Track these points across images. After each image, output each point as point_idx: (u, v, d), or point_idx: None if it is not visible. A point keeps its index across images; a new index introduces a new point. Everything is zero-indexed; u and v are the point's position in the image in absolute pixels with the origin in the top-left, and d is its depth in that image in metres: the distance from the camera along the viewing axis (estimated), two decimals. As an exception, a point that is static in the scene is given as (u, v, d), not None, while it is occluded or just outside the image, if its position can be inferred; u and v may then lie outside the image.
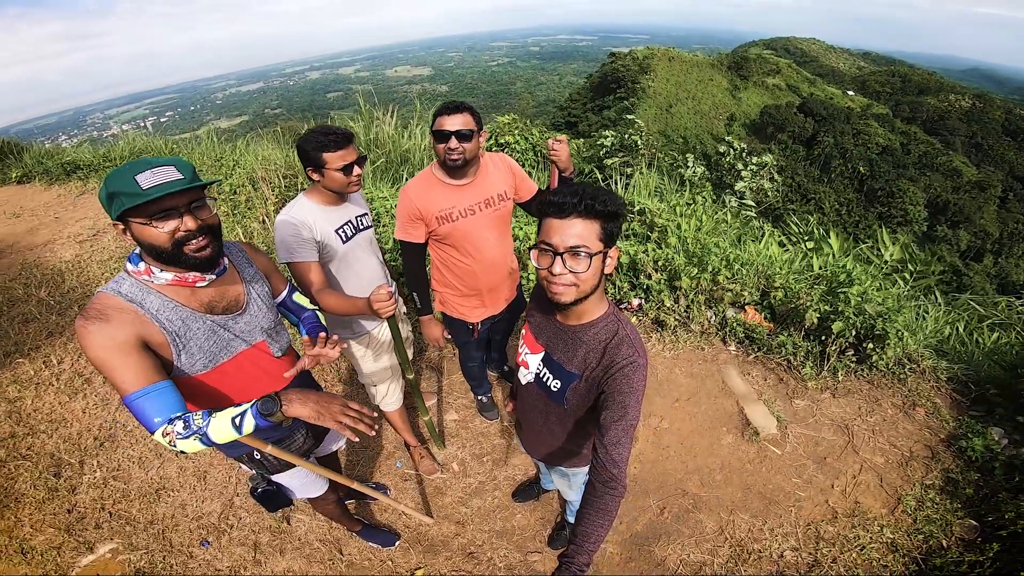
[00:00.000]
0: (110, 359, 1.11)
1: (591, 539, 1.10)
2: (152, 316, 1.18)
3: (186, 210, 1.14)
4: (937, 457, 2.56)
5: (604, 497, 1.12)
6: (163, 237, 1.13)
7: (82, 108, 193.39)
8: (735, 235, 4.40)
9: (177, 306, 1.23)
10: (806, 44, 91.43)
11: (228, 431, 1.15)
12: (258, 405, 1.16)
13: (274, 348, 1.45)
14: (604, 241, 1.14)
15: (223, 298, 1.33)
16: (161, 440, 1.14)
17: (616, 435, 1.14)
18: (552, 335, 1.36)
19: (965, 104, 58.47)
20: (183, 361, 1.24)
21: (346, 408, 1.26)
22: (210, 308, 1.29)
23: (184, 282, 1.22)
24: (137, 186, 1.07)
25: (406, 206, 1.96)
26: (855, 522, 2.32)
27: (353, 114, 6.51)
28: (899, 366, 3.03)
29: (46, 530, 2.44)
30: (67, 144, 7.56)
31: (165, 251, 1.15)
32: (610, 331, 1.24)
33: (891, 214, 43.48)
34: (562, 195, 1.11)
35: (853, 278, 3.34)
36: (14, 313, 3.73)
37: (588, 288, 1.17)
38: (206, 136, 6.90)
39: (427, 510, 2.51)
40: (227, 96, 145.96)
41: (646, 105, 53.16)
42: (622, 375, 1.17)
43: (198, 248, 1.17)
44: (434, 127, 1.82)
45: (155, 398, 1.13)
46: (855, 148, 49.97)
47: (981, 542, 2.15)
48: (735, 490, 2.50)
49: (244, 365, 1.37)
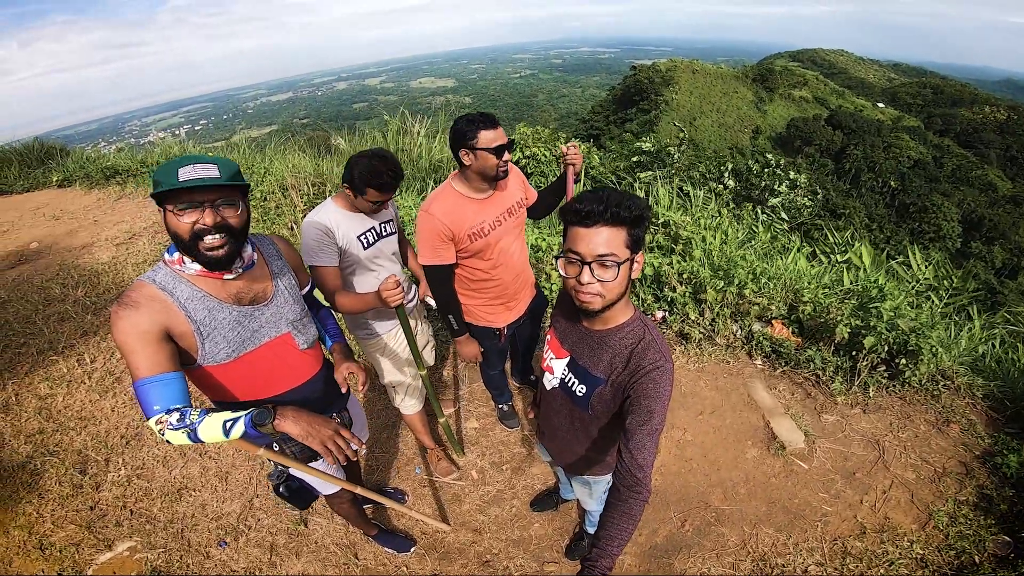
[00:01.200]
0: (131, 344, 1.16)
1: (615, 542, 1.09)
2: (180, 305, 1.22)
3: (210, 205, 1.17)
4: (971, 473, 2.47)
5: (629, 501, 1.11)
6: (183, 227, 1.16)
7: (122, 115, 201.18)
8: (763, 249, 4.32)
9: (205, 296, 1.26)
10: (833, 56, 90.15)
11: (217, 433, 1.17)
12: (252, 415, 1.18)
13: (299, 340, 1.47)
14: (631, 248, 1.13)
15: (251, 290, 1.35)
16: (153, 427, 1.17)
17: (641, 440, 1.13)
18: (577, 340, 1.35)
19: (1000, 116, 56.84)
20: (207, 349, 1.27)
21: (336, 436, 1.27)
22: (238, 299, 1.32)
23: (210, 274, 1.26)
24: (175, 177, 1.11)
25: (435, 228, 1.86)
26: (884, 537, 2.25)
27: (380, 124, 6.64)
28: (932, 382, 2.93)
29: (67, 526, 2.47)
30: (107, 150, 7.86)
31: (184, 242, 1.18)
32: (636, 336, 1.23)
33: (923, 230, 42.26)
34: (588, 203, 1.09)
35: (885, 293, 3.25)
36: (50, 312, 3.87)
37: (615, 296, 1.16)
38: (239, 144, 7.12)
39: (444, 517, 2.51)
40: (258, 105, 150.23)
41: (669, 118, 52.90)
42: (648, 379, 1.16)
43: (211, 247, 1.19)
44: (483, 144, 1.75)
45: (161, 387, 1.17)
46: (885, 161, 48.87)
47: (1014, 558, 2.07)
48: (759, 504, 2.44)
49: (268, 356, 1.39)
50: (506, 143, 1.77)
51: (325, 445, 1.25)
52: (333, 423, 1.28)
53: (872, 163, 48.81)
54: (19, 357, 3.44)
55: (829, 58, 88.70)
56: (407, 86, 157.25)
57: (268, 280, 1.41)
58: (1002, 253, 40.11)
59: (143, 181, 6.06)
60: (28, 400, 3.13)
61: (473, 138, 1.75)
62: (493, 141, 1.75)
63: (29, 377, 3.29)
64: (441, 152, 6.03)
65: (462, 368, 3.32)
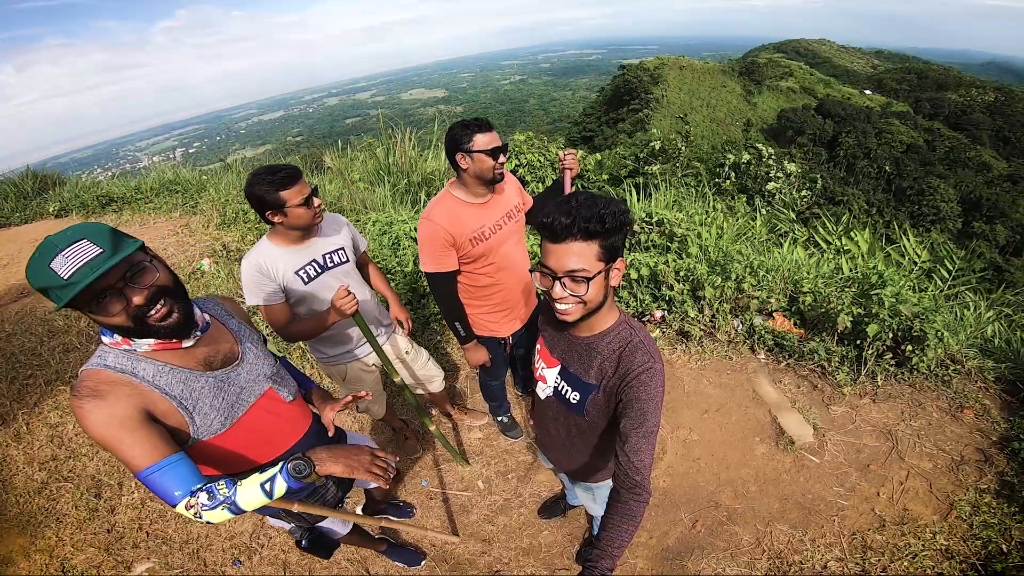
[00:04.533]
0: (116, 435, 1.03)
1: (615, 544, 1.08)
2: (150, 384, 1.10)
3: (124, 284, 1.01)
4: (990, 460, 2.42)
5: (629, 503, 1.11)
6: (117, 320, 1.02)
7: (115, 140, 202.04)
8: (760, 241, 4.30)
9: (173, 368, 1.14)
10: (816, 45, 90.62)
11: (258, 497, 1.11)
12: (288, 469, 1.12)
13: (284, 393, 1.40)
14: (605, 259, 1.08)
15: (217, 352, 1.24)
16: (185, 513, 1.07)
17: (636, 442, 1.12)
18: (566, 348, 1.33)
19: (988, 98, 57.02)
20: (198, 423, 1.17)
21: (375, 459, 1.25)
22: (208, 364, 1.21)
23: (169, 344, 1.13)
24: (57, 277, 0.93)
25: (436, 235, 1.85)
26: (905, 530, 2.20)
27: (372, 138, 6.64)
28: (942, 367, 2.89)
29: (87, 549, 2.49)
30: (102, 177, 7.86)
31: (130, 329, 1.05)
32: (623, 339, 1.21)
33: (923, 212, 42.26)
34: (555, 216, 1.03)
35: (885, 279, 3.22)
36: (55, 343, 3.85)
37: (594, 306, 1.14)
38: (234, 165, 7.12)
39: (453, 528, 2.48)
40: (250, 125, 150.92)
41: (661, 115, 53.08)
42: (639, 382, 1.15)
43: (161, 317, 1.06)
44: (478, 146, 1.75)
45: (169, 472, 1.06)
46: (879, 148, 48.93)
47: (1043, 547, 2.01)
48: (771, 501, 2.40)
49: (261, 416, 1.32)
50: (501, 146, 1.78)
51: (371, 471, 1.23)
52: (366, 448, 1.26)
53: (866, 149, 48.85)
54: (27, 388, 3.43)
55: (812, 48, 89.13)
56: (398, 98, 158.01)
57: (231, 339, 1.31)
58: (1004, 231, 40.04)
59: (138, 208, 6.08)
60: (39, 429, 3.13)
61: (469, 142, 1.76)
62: (488, 143, 1.76)
63: (39, 407, 3.29)
64: (434, 163, 6.03)
65: (463, 379, 3.30)
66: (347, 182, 5.81)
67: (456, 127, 1.79)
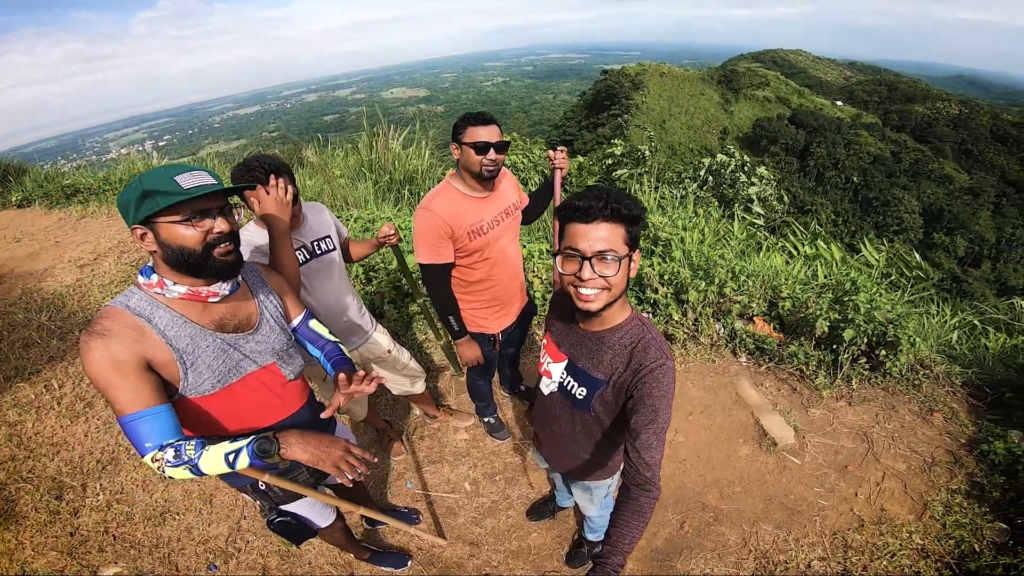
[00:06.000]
0: (109, 377, 1.08)
1: (625, 540, 1.09)
2: (160, 332, 1.14)
3: (219, 212, 1.14)
4: (960, 462, 2.52)
5: (639, 499, 1.12)
6: (196, 238, 1.11)
7: (81, 131, 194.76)
8: (740, 247, 4.39)
9: (187, 322, 1.18)
10: (793, 55, 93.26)
11: (220, 465, 1.12)
12: (254, 445, 1.12)
13: (286, 371, 1.39)
14: (629, 245, 1.13)
15: (234, 316, 1.28)
16: (150, 464, 1.11)
17: (648, 438, 1.13)
18: (575, 342, 1.33)
19: (952, 111, 59.44)
20: (190, 380, 1.19)
21: (347, 454, 1.22)
22: (221, 326, 1.24)
23: (197, 296, 1.18)
24: (177, 186, 1.07)
25: (434, 225, 1.83)
26: (883, 529, 2.27)
27: (352, 135, 6.56)
28: (912, 372, 3.00)
29: (48, 553, 2.38)
30: (66, 168, 7.55)
31: (194, 254, 1.12)
32: (636, 335, 1.23)
33: (887, 223, 43.84)
34: (587, 200, 1.10)
35: (859, 286, 3.32)
36: (15, 338, 3.68)
37: (618, 292, 1.16)
38: (207, 159, 6.93)
39: (440, 531, 2.45)
40: (225, 119, 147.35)
41: (640, 121, 53.81)
42: (652, 378, 1.16)
43: (225, 252, 1.16)
44: (468, 139, 1.76)
45: (149, 422, 1.09)
46: (847, 158, 50.58)
47: (1013, 545, 2.10)
48: (756, 501, 2.44)
49: (254, 386, 1.32)
50: (494, 142, 1.76)
51: (338, 467, 1.20)
52: (341, 442, 1.23)
53: (835, 160, 50.45)
54: (-16, 384, 3.26)
55: (789, 58, 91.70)
56: (379, 96, 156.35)
57: (253, 307, 1.34)
58: (964, 243, 41.84)
59: (106, 199, 5.84)
60: (-4, 427, 2.98)
61: (462, 132, 1.77)
62: (478, 138, 1.75)
63: (-3, 404, 3.13)
64: (416, 162, 5.97)
65: (448, 379, 3.27)
66: (328, 177, 5.72)
67: (461, 116, 1.80)
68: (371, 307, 3.54)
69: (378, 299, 3.61)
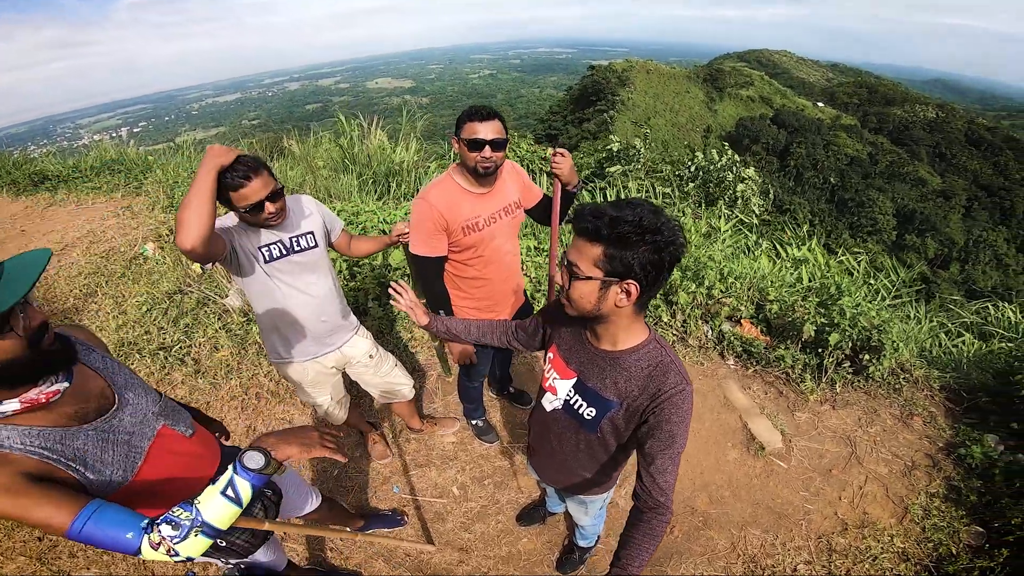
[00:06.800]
0: (13, 503, 0.91)
1: (636, 562, 1.10)
2: (22, 451, 0.96)
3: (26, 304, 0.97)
4: (938, 466, 2.57)
5: (652, 522, 1.12)
6: (18, 344, 0.94)
7: (53, 117, 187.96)
8: (728, 249, 4.41)
9: (42, 431, 1.00)
10: (777, 56, 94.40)
11: (225, 507, 1.00)
12: (242, 463, 1.02)
13: (181, 428, 1.26)
14: (605, 269, 1.04)
15: (87, 398, 1.09)
16: (155, 555, 0.95)
17: (664, 463, 1.12)
18: (586, 360, 1.28)
19: (929, 114, 60.92)
20: (94, 481, 1.04)
21: (323, 435, 1.20)
22: (82, 417, 1.06)
23: (36, 402, 1.00)
24: None
25: (429, 216, 1.80)
26: (865, 533, 2.31)
27: (334, 123, 6.43)
28: (893, 376, 3.05)
29: (16, 558, 2.29)
30: (36, 154, 7.25)
31: (22, 360, 0.95)
32: (653, 358, 1.18)
33: (861, 223, 44.89)
34: (584, 210, 1.07)
35: (843, 290, 3.37)
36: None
37: (580, 309, 1.14)
38: (184, 146, 6.73)
39: (428, 537, 2.41)
40: (204, 107, 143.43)
41: (625, 117, 54.00)
42: (671, 404, 1.12)
43: (51, 342, 0.99)
44: (464, 134, 1.71)
45: (102, 517, 0.94)
46: (826, 159, 51.56)
47: (989, 548, 2.16)
48: (744, 506, 2.46)
49: (163, 458, 1.18)
50: (489, 140, 1.70)
51: (325, 446, 1.17)
52: (311, 427, 1.21)
53: (814, 161, 51.42)
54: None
55: (773, 59, 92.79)
56: (363, 86, 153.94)
57: (99, 380, 1.14)
58: (934, 245, 43.07)
59: (75, 187, 5.63)
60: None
61: (461, 127, 1.73)
62: (473, 134, 1.70)
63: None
64: (403, 154, 5.87)
65: (434, 380, 3.22)
66: (310, 169, 5.59)
67: (464, 109, 1.77)
68: (355, 305, 3.46)
69: (362, 296, 3.54)
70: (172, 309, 3.59)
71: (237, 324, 3.41)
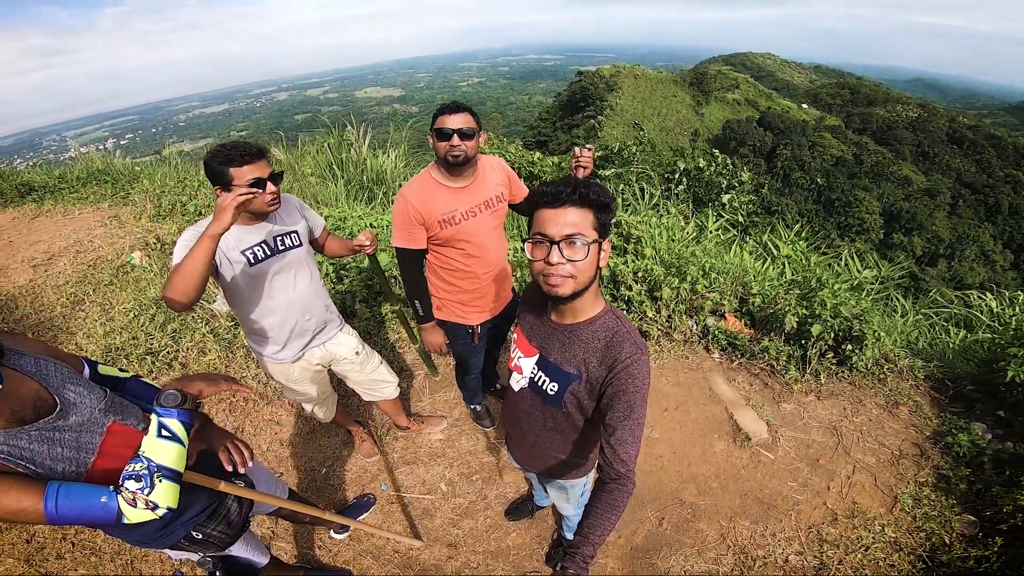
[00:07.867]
0: None
1: (597, 531, 1.09)
2: None
3: None
4: (926, 454, 2.59)
5: (613, 492, 1.12)
6: None
7: (39, 129, 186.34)
8: (713, 246, 4.45)
9: None
10: (762, 59, 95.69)
11: (170, 446, 1.07)
12: (163, 403, 1.12)
13: (132, 422, 1.25)
14: (598, 231, 1.12)
15: (22, 403, 1.07)
16: (139, 513, 1.00)
17: (623, 434, 1.13)
18: (546, 336, 1.30)
19: (911, 114, 61.84)
20: (46, 477, 1.05)
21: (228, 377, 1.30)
22: (20, 419, 1.05)
23: None
24: None
25: (406, 211, 1.88)
26: (856, 523, 2.32)
27: (323, 133, 6.43)
28: (878, 366, 3.08)
29: (4, 560, 2.29)
30: (23, 167, 7.20)
31: None
32: (610, 329, 1.20)
33: (849, 223, 45.40)
34: (555, 185, 1.11)
35: (823, 283, 3.41)
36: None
37: (586, 280, 1.14)
38: (170, 158, 6.72)
39: (416, 533, 2.40)
40: (191, 118, 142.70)
41: (613, 123, 54.42)
42: (627, 374, 1.15)
43: None
44: (435, 126, 1.78)
45: (68, 491, 1.00)
46: (812, 160, 52.18)
47: (982, 537, 2.16)
48: (732, 497, 2.47)
49: (114, 452, 1.17)
50: (456, 129, 1.74)
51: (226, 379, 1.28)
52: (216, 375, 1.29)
53: (800, 162, 52.02)
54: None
55: (758, 61, 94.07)
56: (352, 96, 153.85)
57: (31, 383, 1.11)
58: (921, 243, 43.62)
59: (62, 198, 5.61)
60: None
61: (433, 121, 1.80)
62: (443, 124, 1.76)
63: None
64: (385, 162, 5.88)
65: (421, 379, 3.21)
66: (298, 176, 5.60)
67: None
68: (342, 307, 3.46)
69: (349, 298, 3.54)
70: (159, 315, 3.57)
71: (224, 328, 3.40)
